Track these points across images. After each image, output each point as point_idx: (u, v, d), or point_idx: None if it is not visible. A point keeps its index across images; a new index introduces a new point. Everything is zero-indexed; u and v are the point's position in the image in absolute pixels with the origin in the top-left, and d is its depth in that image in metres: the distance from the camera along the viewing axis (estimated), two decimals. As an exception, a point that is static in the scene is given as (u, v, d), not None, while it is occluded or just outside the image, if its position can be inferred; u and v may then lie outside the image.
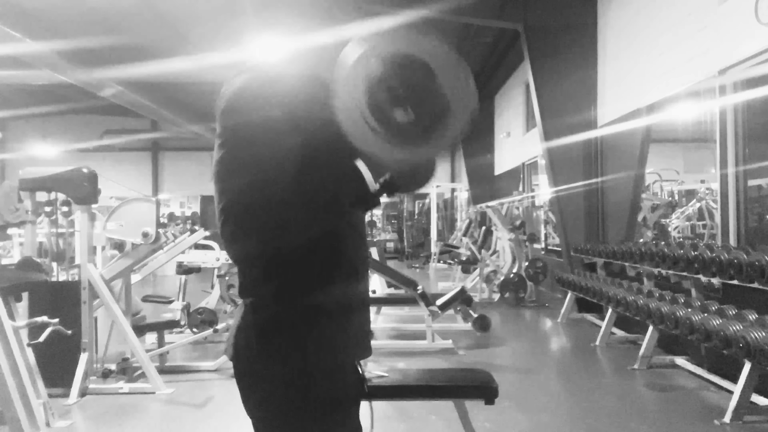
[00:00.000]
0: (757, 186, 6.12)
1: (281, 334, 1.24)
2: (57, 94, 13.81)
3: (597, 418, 3.81)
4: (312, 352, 1.23)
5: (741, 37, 4.51)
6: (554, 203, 8.02)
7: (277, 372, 1.24)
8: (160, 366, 4.88)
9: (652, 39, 6.05)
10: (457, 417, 2.60)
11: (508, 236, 8.79)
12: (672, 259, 4.76)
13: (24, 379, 2.88)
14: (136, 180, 18.70)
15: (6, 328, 2.88)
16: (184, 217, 18.17)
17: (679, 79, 5.49)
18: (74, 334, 4.01)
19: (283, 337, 1.24)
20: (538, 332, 6.94)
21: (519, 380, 4.77)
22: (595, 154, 7.49)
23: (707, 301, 4.30)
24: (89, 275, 4.35)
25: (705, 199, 8.92)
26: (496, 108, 14.58)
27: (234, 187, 1.23)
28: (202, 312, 6.26)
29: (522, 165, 12.25)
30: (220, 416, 3.92)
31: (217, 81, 6.96)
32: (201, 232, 5.61)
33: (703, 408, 3.98)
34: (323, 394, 1.25)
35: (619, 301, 5.26)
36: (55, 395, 4.06)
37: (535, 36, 7.68)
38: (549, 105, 7.60)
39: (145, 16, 8.89)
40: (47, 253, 5.32)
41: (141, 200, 4.82)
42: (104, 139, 17.87)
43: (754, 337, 3.45)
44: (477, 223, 11.31)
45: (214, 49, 9.41)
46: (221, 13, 8.86)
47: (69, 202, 4.52)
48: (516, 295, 8.46)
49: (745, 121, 4.79)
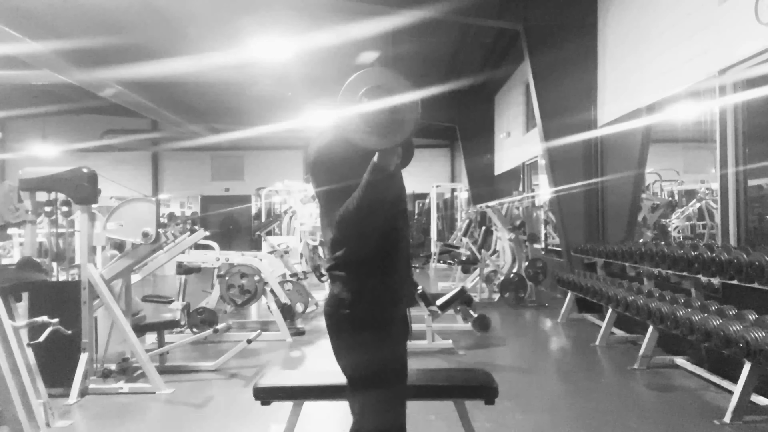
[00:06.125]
0: (757, 186, 6.10)
1: (361, 295, 1.82)
2: (57, 94, 13.82)
3: (597, 418, 3.81)
4: (375, 303, 1.83)
5: (741, 37, 4.51)
6: (554, 203, 8.02)
7: (359, 316, 1.81)
8: (160, 366, 4.88)
9: (652, 39, 6.05)
10: (457, 417, 2.60)
11: (508, 236, 8.79)
12: (672, 259, 4.76)
13: (24, 379, 2.88)
14: (136, 180, 18.69)
15: (6, 328, 2.88)
16: (184, 217, 18.17)
17: (679, 79, 5.50)
18: (74, 334, 4.01)
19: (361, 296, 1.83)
20: (538, 332, 6.94)
21: (519, 380, 4.77)
22: (595, 154, 7.50)
23: (707, 301, 4.30)
24: (89, 275, 4.35)
25: (705, 199, 8.91)
26: (496, 108, 14.58)
27: (333, 215, 1.76)
28: (202, 312, 6.27)
29: (522, 165, 12.25)
30: (220, 416, 3.92)
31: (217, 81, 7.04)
32: (201, 232, 5.61)
33: (703, 408, 3.98)
34: (380, 324, 1.82)
35: (619, 301, 5.26)
36: (55, 395, 4.06)
37: (535, 36, 7.68)
38: (549, 105, 7.60)
39: (145, 16, 8.89)
40: (47, 253, 5.32)
41: (141, 200, 4.82)
42: (104, 139, 17.86)
43: (754, 337, 3.45)
44: (477, 223, 11.31)
45: (214, 49, 9.43)
46: (221, 13, 8.87)
47: (69, 202, 4.52)
48: (516, 295, 8.46)
49: (745, 121, 4.79)
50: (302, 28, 8.78)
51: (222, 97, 14.15)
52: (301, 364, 5.46)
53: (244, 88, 12.77)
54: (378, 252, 1.80)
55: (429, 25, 8.84)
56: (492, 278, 9.17)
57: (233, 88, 12.95)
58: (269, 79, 12.00)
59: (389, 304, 1.85)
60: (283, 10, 8.49)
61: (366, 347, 1.79)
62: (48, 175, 4.40)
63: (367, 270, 1.80)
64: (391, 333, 1.83)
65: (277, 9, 8.44)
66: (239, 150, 19.21)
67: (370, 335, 1.79)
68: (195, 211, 19.69)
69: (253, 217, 18.54)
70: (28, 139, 17.34)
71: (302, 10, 8.45)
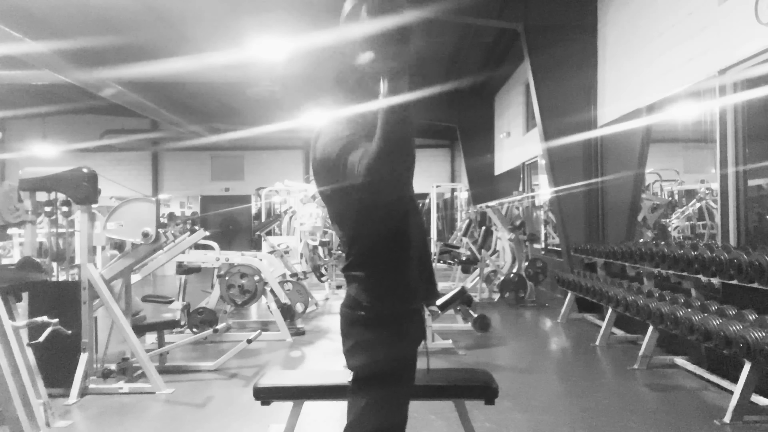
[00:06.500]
0: (757, 186, 6.11)
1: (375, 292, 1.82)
2: (57, 94, 13.81)
3: (597, 418, 3.81)
4: (393, 299, 1.82)
5: (741, 37, 4.51)
6: (554, 203, 8.02)
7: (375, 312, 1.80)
8: (160, 366, 4.88)
9: (652, 39, 6.05)
10: (457, 417, 2.60)
11: (508, 236, 8.79)
12: (672, 259, 4.76)
13: (24, 379, 2.87)
14: (136, 180, 18.70)
15: (6, 328, 2.88)
16: (184, 217, 18.17)
17: (679, 79, 5.50)
18: (74, 334, 4.01)
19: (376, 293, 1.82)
20: (538, 332, 6.94)
21: (519, 380, 4.77)
22: (595, 154, 7.50)
23: (707, 301, 4.30)
24: (89, 275, 4.35)
25: (705, 199, 8.91)
26: (496, 108, 14.58)
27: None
28: (202, 312, 6.27)
29: (522, 165, 12.25)
30: (220, 416, 3.92)
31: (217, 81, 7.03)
32: (201, 232, 5.61)
33: (703, 408, 3.98)
34: (395, 318, 1.81)
35: (619, 301, 5.26)
36: (55, 395, 4.07)
37: (535, 36, 7.68)
38: (549, 105, 7.61)
39: (145, 16, 8.89)
40: (47, 253, 5.32)
41: (141, 200, 4.81)
42: (104, 139, 17.85)
43: (754, 337, 3.45)
44: (477, 223, 11.30)
45: (214, 49, 9.42)
46: (221, 13, 8.86)
47: (69, 202, 4.51)
48: (516, 295, 8.46)
49: (745, 121, 4.79)
50: (302, 28, 8.78)
51: (222, 97, 14.15)
52: (301, 364, 5.46)
53: (244, 88, 12.77)
54: (392, 242, 1.78)
55: (429, 25, 8.84)
56: (492, 278, 9.17)
57: (233, 88, 12.94)
58: (269, 80, 12.00)
59: (405, 301, 1.84)
60: (283, 11, 8.49)
61: (380, 346, 1.79)
62: (48, 175, 4.40)
63: (383, 266, 1.80)
64: (406, 332, 1.83)
65: (277, 9, 8.44)
66: (239, 150, 19.20)
67: (386, 334, 1.79)
68: (195, 211, 19.68)
69: (253, 217, 18.53)
70: (28, 139, 17.33)
71: (302, 10, 8.45)
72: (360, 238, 1.81)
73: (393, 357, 1.80)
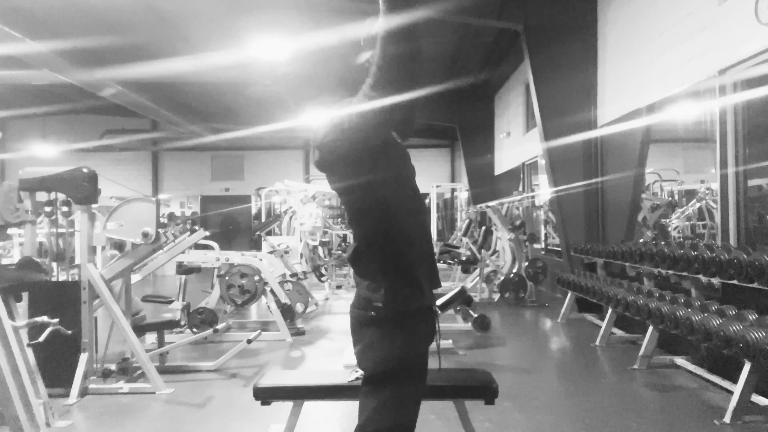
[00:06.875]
0: (757, 186, 6.11)
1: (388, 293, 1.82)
2: (57, 94, 13.83)
3: (597, 418, 3.81)
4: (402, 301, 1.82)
5: (741, 37, 4.51)
6: (554, 203, 8.02)
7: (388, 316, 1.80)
8: (160, 366, 4.88)
9: (652, 39, 6.05)
10: (457, 417, 2.60)
11: (508, 236, 8.79)
12: (672, 259, 4.76)
13: (24, 379, 2.87)
14: (136, 180, 18.70)
15: (6, 328, 2.88)
16: (184, 217, 18.16)
17: (679, 79, 5.49)
18: (74, 334, 4.01)
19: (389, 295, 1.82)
20: (538, 332, 6.94)
21: (519, 380, 4.76)
22: (595, 154, 7.50)
23: (707, 301, 4.30)
24: (89, 275, 4.35)
25: (705, 199, 8.92)
26: (496, 108, 14.58)
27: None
28: (202, 312, 6.27)
29: (522, 165, 12.25)
30: (220, 416, 3.92)
31: (216, 81, 7.02)
32: (201, 232, 5.60)
33: (703, 408, 3.98)
34: (404, 314, 1.81)
35: (619, 301, 5.26)
36: (55, 395, 4.06)
37: (535, 36, 7.68)
38: (549, 105, 7.61)
39: (145, 16, 8.89)
40: (47, 253, 5.32)
41: (141, 200, 4.81)
42: (104, 139, 17.86)
43: (754, 337, 3.45)
44: (477, 223, 11.31)
45: (214, 49, 9.42)
46: (221, 12, 8.86)
47: (69, 202, 4.51)
48: (516, 295, 8.46)
49: (745, 121, 4.79)
50: (302, 28, 8.78)
51: (222, 97, 14.15)
52: (301, 364, 5.46)
53: (244, 88, 12.78)
54: (399, 238, 1.80)
55: (429, 25, 8.84)
56: (492, 278, 9.17)
57: (233, 88, 12.95)
58: (269, 79, 12.00)
59: (416, 300, 1.83)
60: (283, 10, 8.49)
61: (392, 346, 1.78)
62: (48, 175, 4.40)
63: (394, 266, 1.80)
64: (417, 331, 1.83)
65: (277, 9, 8.44)
66: (239, 150, 19.21)
67: (397, 333, 1.79)
68: (195, 211, 19.69)
69: (253, 217, 18.53)
70: (28, 139, 17.34)
71: (302, 10, 8.45)
72: (375, 235, 1.81)
73: (405, 356, 1.79)
